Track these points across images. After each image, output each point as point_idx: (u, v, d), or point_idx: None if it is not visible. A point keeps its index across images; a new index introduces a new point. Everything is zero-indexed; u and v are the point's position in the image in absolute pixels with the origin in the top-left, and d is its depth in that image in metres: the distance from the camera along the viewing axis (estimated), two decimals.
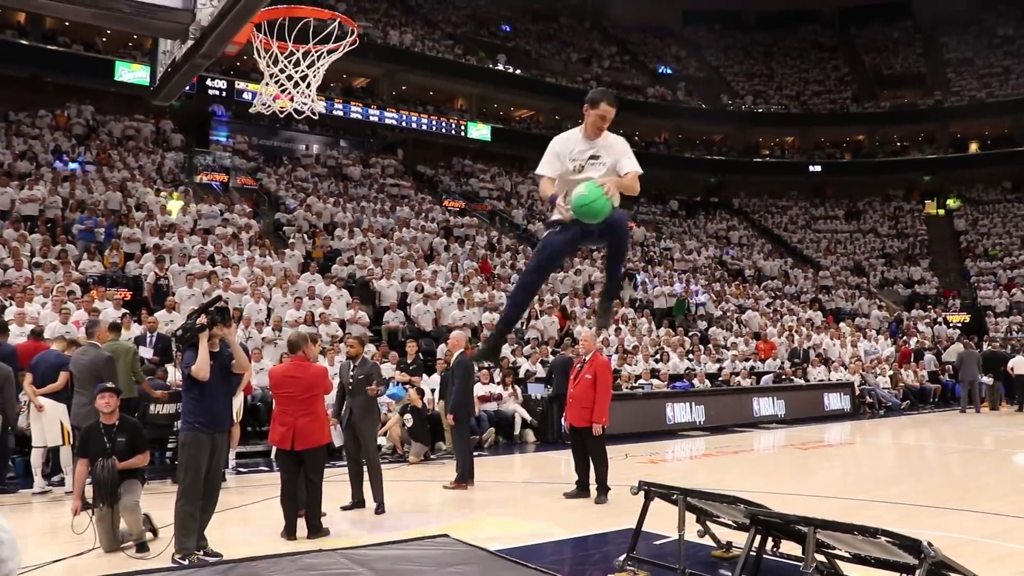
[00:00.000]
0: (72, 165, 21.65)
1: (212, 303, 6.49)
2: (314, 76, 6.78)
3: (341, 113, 31.44)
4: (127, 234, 17.47)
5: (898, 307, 31.90)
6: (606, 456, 8.91)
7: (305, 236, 21.52)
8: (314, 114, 7.08)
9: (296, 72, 6.68)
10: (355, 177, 28.91)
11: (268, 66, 6.70)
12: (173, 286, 15.59)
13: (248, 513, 8.10)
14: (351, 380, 8.37)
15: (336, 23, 6.74)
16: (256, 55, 6.64)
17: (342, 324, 16.03)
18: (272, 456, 11.57)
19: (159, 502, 7.44)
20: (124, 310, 13.50)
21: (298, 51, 6.68)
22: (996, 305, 31.41)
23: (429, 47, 36.08)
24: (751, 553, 5.17)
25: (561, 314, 19.86)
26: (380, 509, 8.06)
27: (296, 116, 7.17)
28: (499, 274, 22.46)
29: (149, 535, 6.64)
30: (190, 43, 4.89)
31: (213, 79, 27.82)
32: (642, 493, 6.09)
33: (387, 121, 33.03)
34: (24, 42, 25.43)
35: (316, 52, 6.73)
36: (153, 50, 5.84)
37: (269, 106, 7.27)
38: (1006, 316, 30.46)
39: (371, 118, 32.65)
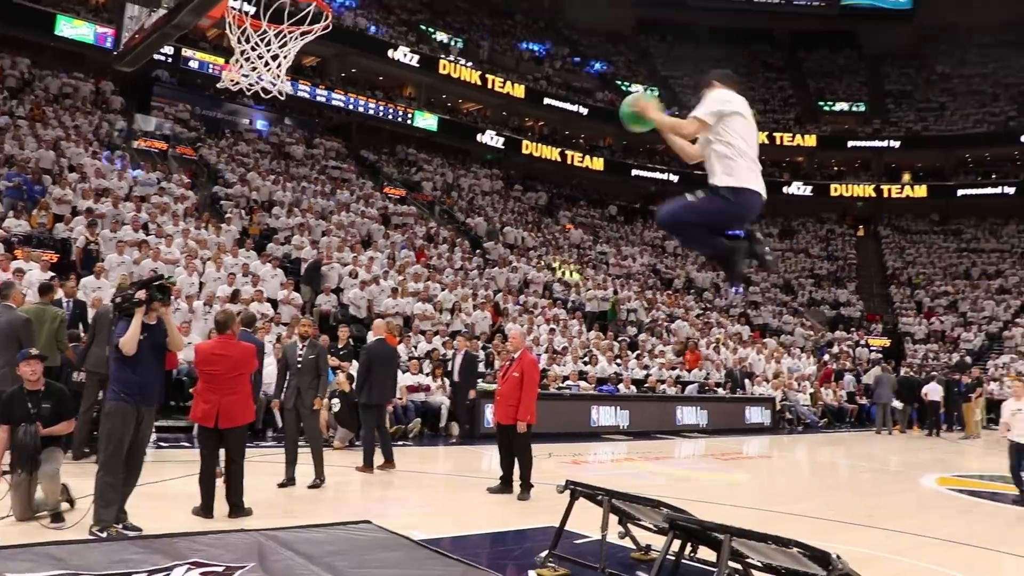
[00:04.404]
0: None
1: (155, 279, 6.39)
2: (284, 56, 6.71)
3: (288, 90, 30.86)
4: (58, 195, 16.99)
5: (823, 327, 32.77)
6: (530, 454, 8.98)
7: (242, 212, 21.20)
8: (282, 94, 7.02)
9: (267, 51, 6.60)
10: (297, 156, 28.56)
11: (239, 43, 6.60)
12: (103, 252, 15.22)
13: (168, 489, 7.97)
14: (299, 360, 8.57)
15: (312, 6, 6.67)
16: (228, 30, 6.54)
17: (273, 304, 15.87)
18: (194, 433, 11.45)
19: (77, 471, 7.29)
20: (51, 273, 13.12)
21: (271, 30, 6.60)
22: (915, 332, 32.70)
23: (382, 32, 35.75)
24: (668, 556, 5.31)
25: (494, 310, 19.97)
26: (320, 482, 8.44)
27: (263, 96, 7.09)
28: (435, 265, 22.41)
29: (65, 505, 6.45)
30: (163, 12, 4.82)
31: None
32: (567, 492, 6.19)
33: (334, 103, 32.65)
34: None
35: (289, 33, 6.66)
36: (119, 15, 5.74)
37: (237, 82, 7.18)
38: (923, 343, 31.66)
39: (318, 98, 32.23)
